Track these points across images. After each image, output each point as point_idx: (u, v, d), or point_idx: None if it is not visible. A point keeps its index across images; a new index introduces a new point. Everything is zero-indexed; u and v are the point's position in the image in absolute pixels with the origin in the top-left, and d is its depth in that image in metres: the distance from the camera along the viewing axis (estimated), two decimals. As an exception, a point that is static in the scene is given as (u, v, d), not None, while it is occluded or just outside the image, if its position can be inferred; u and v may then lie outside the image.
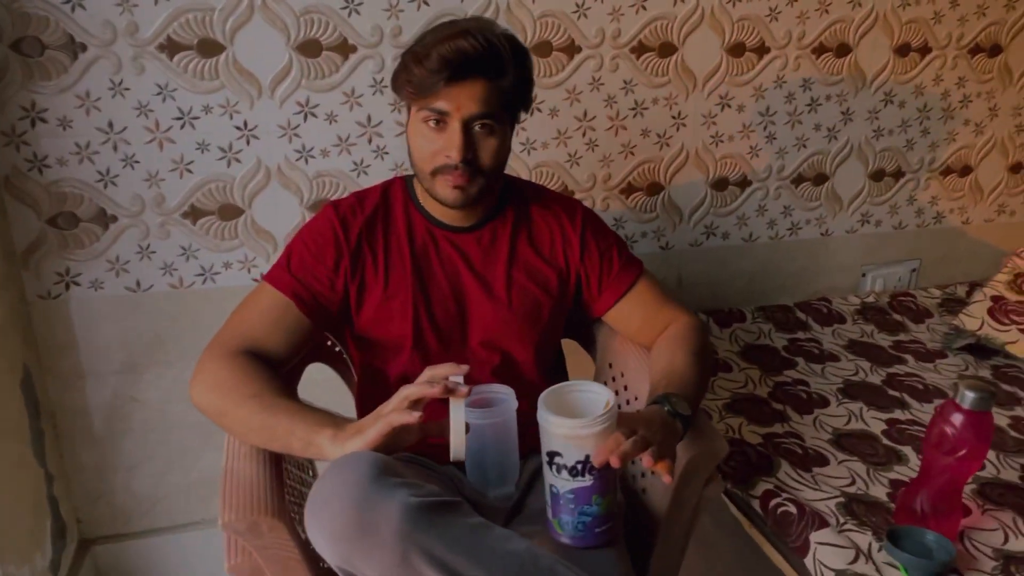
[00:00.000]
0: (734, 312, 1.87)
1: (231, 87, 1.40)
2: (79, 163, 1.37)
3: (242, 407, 0.96)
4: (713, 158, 1.77)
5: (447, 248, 1.10)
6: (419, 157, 1.02)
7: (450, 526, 0.77)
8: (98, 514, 1.61)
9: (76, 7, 1.28)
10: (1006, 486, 1.25)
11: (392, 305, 1.08)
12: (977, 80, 1.93)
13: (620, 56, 1.61)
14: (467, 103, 0.97)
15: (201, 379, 1.00)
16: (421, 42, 0.99)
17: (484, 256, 1.11)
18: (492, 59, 0.97)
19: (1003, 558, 1.08)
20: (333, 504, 0.77)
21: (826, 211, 1.94)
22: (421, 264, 1.09)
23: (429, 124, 0.99)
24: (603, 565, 0.91)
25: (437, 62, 0.94)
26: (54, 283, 1.43)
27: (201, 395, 1.00)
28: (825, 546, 1.09)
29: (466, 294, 1.10)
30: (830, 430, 1.41)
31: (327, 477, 0.80)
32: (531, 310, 1.12)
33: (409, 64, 0.98)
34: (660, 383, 1.03)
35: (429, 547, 0.75)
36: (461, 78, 0.95)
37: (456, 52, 0.94)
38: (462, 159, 0.98)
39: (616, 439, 0.84)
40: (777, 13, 1.69)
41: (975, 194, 2.08)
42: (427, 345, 1.10)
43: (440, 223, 1.10)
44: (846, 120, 1.86)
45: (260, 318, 1.05)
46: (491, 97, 0.98)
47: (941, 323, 1.88)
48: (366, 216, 1.09)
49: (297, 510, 1.02)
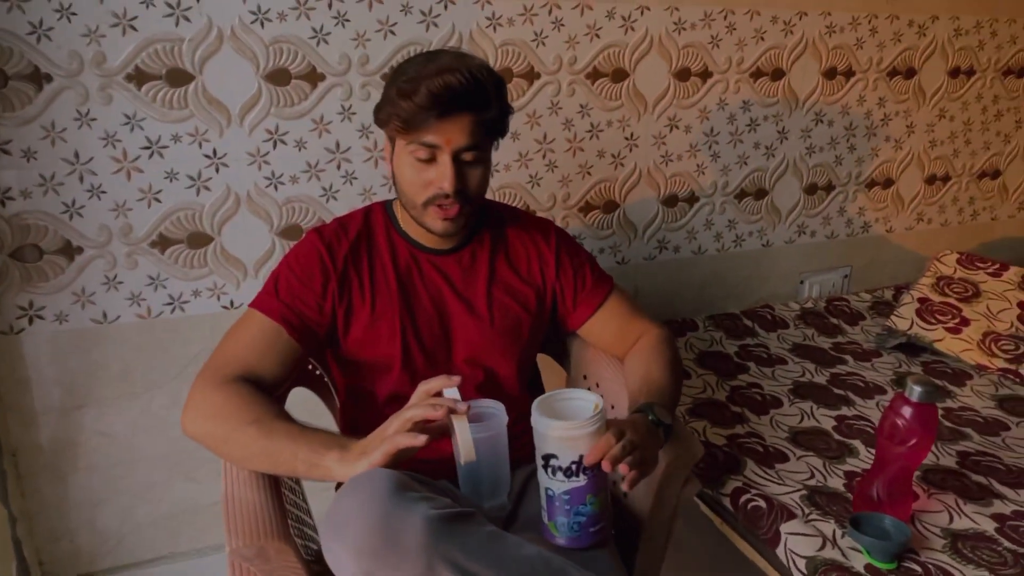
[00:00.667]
0: (687, 321, 1.96)
1: (200, 116, 1.40)
2: (43, 195, 1.34)
3: (242, 433, 0.96)
4: (664, 176, 1.87)
5: (430, 270, 1.14)
6: (409, 189, 1.05)
7: (469, 535, 0.81)
8: (61, 554, 1.56)
9: (42, 37, 1.27)
10: (946, 471, 1.37)
11: (379, 327, 1.11)
12: (895, 100, 2.11)
13: (576, 82, 1.69)
14: (456, 136, 1.01)
15: (195, 408, 1.00)
16: (404, 75, 1.02)
17: (465, 277, 1.15)
18: (477, 93, 1.01)
19: (950, 536, 1.19)
20: (356, 521, 0.79)
21: (766, 223, 2.07)
22: (406, 286, 1.13)
23: (418, 156, 1.02)
24: (602, 565, 0.96)
25: (426, 98, 0.98)
26: (16, 317, 1.39)
27: (197, 424, 0.99)
28: (795, 536, 1.18)
29: (450, 314, 1.14)
30: (786, 428, 1.51)
31: (345, 496, 0.83)
32: (512, 327, 1.17)
33: (396, 99, 1.00)
34: (640, 392, 1.09)
35: (452, 556, 0.79)
36: (450, 114, 1.00)
37: (445, 88, 0.98)
38: (454, 190, 1.02)
39: (607, 439, 0.90)
40: (718, 40, 1.80)
41: (897, 204, 2.26)
42: (415, 364, 1.13)
43: (422, 246, 1.14)
44: (782, 139, 1.99)
45: (251, 344, 1.05)
46: (477, 129, 1.03)
47: (873, 324, 2.03)
48: (350, 241, 1.12)
49: (296, 533, 1.04)
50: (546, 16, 1.61)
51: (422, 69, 1.01)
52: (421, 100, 0.98)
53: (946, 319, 1.86)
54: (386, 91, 1.05)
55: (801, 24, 1.89)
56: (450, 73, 0.99)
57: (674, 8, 1.73)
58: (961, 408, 1.62)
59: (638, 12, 1.69)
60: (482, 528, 0.84)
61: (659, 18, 1.72)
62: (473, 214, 1.10)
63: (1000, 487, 1.32)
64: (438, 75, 0.98)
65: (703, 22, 1.77)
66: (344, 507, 0.82)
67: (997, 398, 1.67)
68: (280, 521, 0.97)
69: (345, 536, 0.80)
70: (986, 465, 1.39)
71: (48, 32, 1.27)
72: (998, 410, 1.61)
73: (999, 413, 1.60)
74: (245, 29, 1.39)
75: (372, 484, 0.82)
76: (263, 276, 1.54)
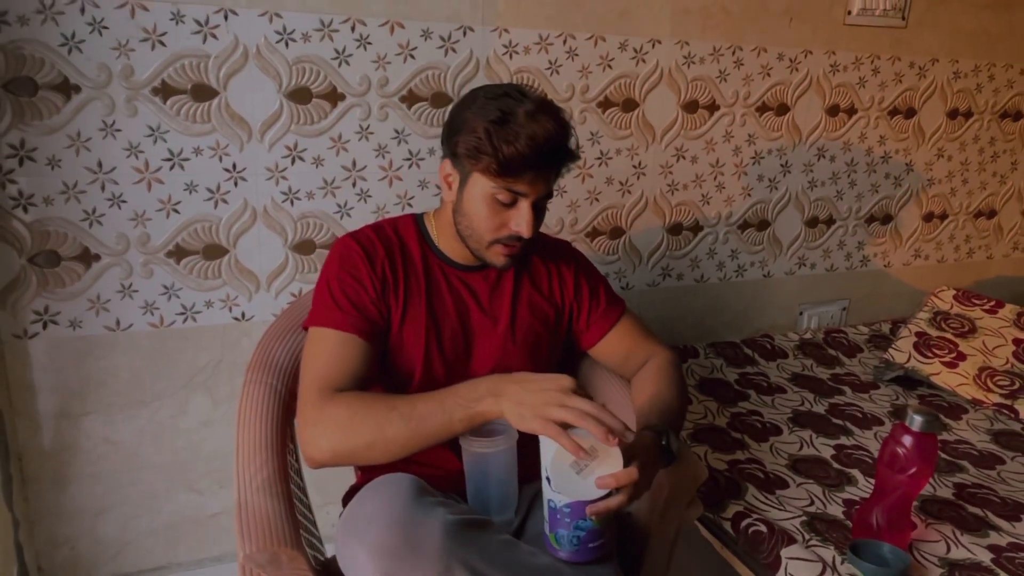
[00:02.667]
0: (688, 348, 1.99)
1: (222, 130, 1.44)
2: (65, 202, 1.37)
3: (388, 426, 0.92)
4: (669, 205, 1.91)
5: (458, 285, 1.16)
6: (481, 226, 1.06)
7: (486, 542, 0.83)
8: (61, 561, 1.56)
9: (73, 49, 1.30)
10: (943, 502, 1.39)
11: (406, 334, 1.12)
12: (895, 138, 2.16)
13: (588, 110, 1.73)
14: (541, 187, 1.04)
15: (323, 431, 0.95)
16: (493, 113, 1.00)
17: (491, 293, 1.17)
18: (566, 146, 1.04)
19: (948, 565, 1.20)
20: (377, 522, 0.81)
21: (768, 254, 2.11)
22: (434, 297, 1.14)
23: (500, 199, 1.04)
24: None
25: (528, 148, 0.98)
26: (31, 322, 1.41)
27: (334, 444, 0.94)
28: (795, 560, 1.19)
29: (473, 328, 1.16)
30: (786, 456, 1.53)
31: (366, 498, 0.85)
32: (532, 343, 1.20)
33: (494, 140, 0.99)
34: (651, 410, 1.11)
35: (469, 560, 0.81)
36: (544, 168, 1.02)
37: (546, 142, 0.99)
38: (530, 235, 1.05)
39: (630, 473, 0.90)
40: (726, 75, 1.85)
41: (895, 240, 2.30)
42: (434, 373, 1.14)
43: (452, 262, 1.16)
44: (785, 172, 2.04)
45: (332, 361, 1.02)
46: (555, 177, 1.06)
47: (871, 356, 2.06)
48: (385, 248, 1.13)
49: (305, 537, 1.05)
50: (561, 46, 1.66)
51: (516, 110, 1.00)
52: (523, 149, 0.98)
53: (943, 353, 1.89)
54: (469, 122, 1.03)
55: (806, 62, 1.94)
56: (547, 122, 0.99)
57: (684, 43, 1.78)
58: (957, 441, 1.65)
59: (649, 45, 1.74)
60: (497, 536, 0.86)
61: (669, 51, 1.77)
62: (526, 246, 1.13)
63: (996, 519, 1.34)
64: (537, 124, 0.99)
65: (711, 56, 1.82)
66: (365, 508, 0.83)
67: (992, 432, 1.69)
68: (293, 529, 0.98)
69: (365, 536, 0.81)
70: (982, 497, 1.41)
71: (79, 44, 1.31)
72: (993, 444, 1.64)
73: (994, 447, 1.63)
74: (270, 48, 1.43)
75: (393, 488, 0.84)
76: (275, 289, 1.57)
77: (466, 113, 1.04)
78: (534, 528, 1.13)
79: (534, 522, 1.14)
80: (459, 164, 1.07)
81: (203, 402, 1.57)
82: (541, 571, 0.86)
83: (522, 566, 0.84)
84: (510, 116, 0.99)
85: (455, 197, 1.09)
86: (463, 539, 0.81)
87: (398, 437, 0.92)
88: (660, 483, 1.17)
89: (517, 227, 1.05)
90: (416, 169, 1.61)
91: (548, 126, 0.99)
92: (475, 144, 1.01)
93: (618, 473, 0.91)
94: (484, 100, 1.04)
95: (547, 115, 1.00)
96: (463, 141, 1.03)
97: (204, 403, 1.57)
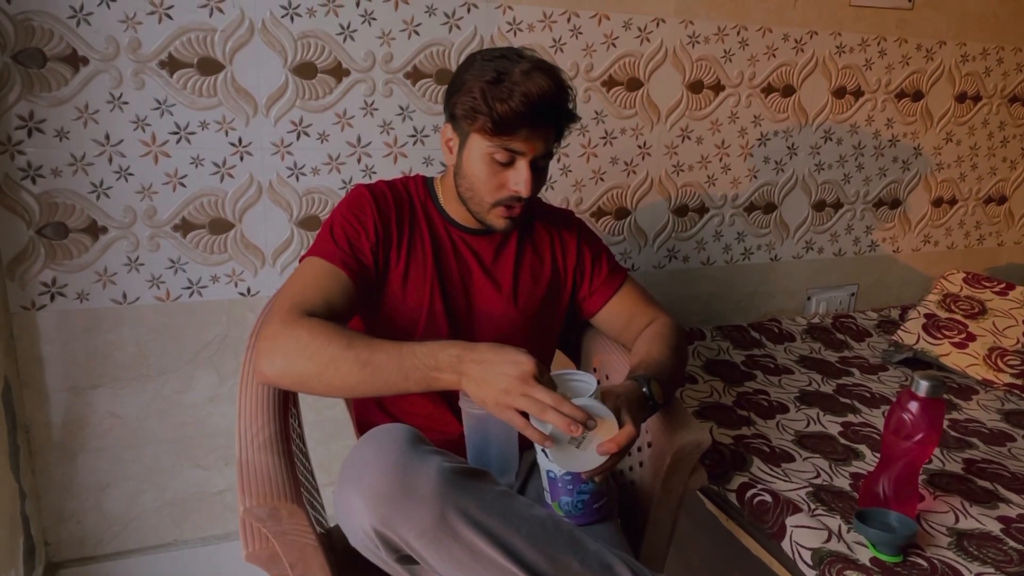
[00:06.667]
0: (695, 331, 1.98)
1: (228, 104, 1.45)
2: (73, 174, 1.38)
3: (342, 361, 0.90)
4: (675, 186, 1.91)
5: (462, 247, 1.16)
6: (481, 188, 1.07)
7: (482, 491, 0.83)
8: (66, 535, 1.57)
9: (81, 22, 1.32)
10: (951, 476, 1.38)
11: (408, 291, 1.12)
12: (903, 121, 2.15)
13: (592, 89, 1.73)
14: (539, 145, 1.04)
15: (277, 349, 0.92)
16: (489, 73, 1.01)
17: (495, 257, 1.18)
18: (565, 104, 1.05)
19: (956, 534, 1.19)
20: (373, 468, 0.81)
21: (775, 238, 2.10)
22: (439, 258, 1.15)
23: (497, 159, 1.04)
24: (609, 538, 0.97)
25: (522, 105, 0.99)
26: (39, 294, 1.42)
27: (285, 363, 0.92)
28: (800, 528, 1.18)
29: (476, 290, 1.16)
30: (792, 432, 1.52)
31: (361, 447, 0.85)
32: (535, 309, 1.20)
33: (486, 99, 1.00)
34: (639, 366, 1.11)
35: (465, 507, 0.80)
36: (540, 124, 1.02)
37: (540, 97, 0.99)
38: (529, 195, 1.05)
39: (628, 432, 0.91)
40: (731, 55, 1.85)
41: (904, 225, 2.29)
42: (437, 334, 1.14)
43: (458, 224, 1.17)
44: (791, 154, 2.03)
45: (315, 285, 1.02)
46: (555, 137, 1.07)
47: (880, 341, 2.05)
48: (395, 203, 1.13)
49: (307, 498, 1.05)
50: (565, 23, 1.66)
51: (511, 70, 1.01)
52: (516, 106, 0.99)
53: (952, 334, 1.87)
54: (467, 84, 1.03)
55: (812, 43, 1.93)
56: (542, 80, 1.00)
57: (688, 22, 1.78)
58: (967, 420, 1.63)
59: (654, 24, 1.74)
60: (493, 486, 0.86)
61: (674, 30, 1.77)
62: (527, 210, 1.13)
63: (1006, 492, 1.32)
64: (532, 81, 0.99)
65: (716, 36, 1.82)
66: (361, 455, 0.83)
67: (1003, 412, 1.67)
68: (293, 485, 0.98)
69: (360, 481, 0.81)
70: (992, 472, 1.39)
71: (87, 16, 1.32)
72: (1004, 423, 1.62)
73: (1005, 426, 1.61)
74: (276, 23, 1.44)
75: (390, 436, 0.84)
76: (281, 264, 1.57)
77: (465, 76, 1.05)
78: (534, 492, 1.13)
79: (534, 486, 1.14)
80: (458, 126, 1.08)
81: (209, 378, 1.58)
82: (539, 521, 0.85)
83: (519, 515, 0.84)
84: (505, 75, 1.00)
85: (456, 160, 1.10)
86: (459, 486, 0.81)
87: (348, 377, 0.90)
88: (662, 449, 1.17)
89: (515, 186, 1.05)
90: (421, 146, 1.62)
91: (543, 83, 1.00)
92: (471, 104, 1.02)
93: (618, 436, 0.91)
94: (482, 62, 1.05)
95: (543, 73, 1.01)
96: (460, 102, 1.04)
97: (210, 379, 1.58)
